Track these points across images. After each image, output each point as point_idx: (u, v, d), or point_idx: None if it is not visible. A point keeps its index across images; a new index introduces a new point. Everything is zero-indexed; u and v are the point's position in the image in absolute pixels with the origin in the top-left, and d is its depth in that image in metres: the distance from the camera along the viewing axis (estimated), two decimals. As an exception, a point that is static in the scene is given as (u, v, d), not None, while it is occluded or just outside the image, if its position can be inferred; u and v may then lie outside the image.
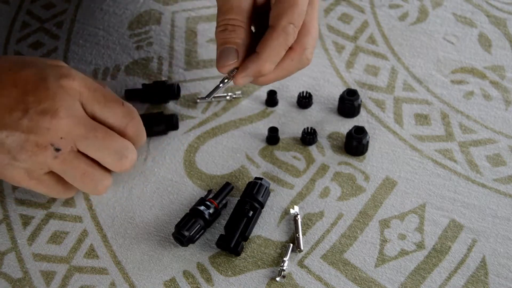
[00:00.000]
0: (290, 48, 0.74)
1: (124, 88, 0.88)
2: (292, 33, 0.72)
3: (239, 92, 0.87)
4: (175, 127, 0.84)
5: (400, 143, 0.83)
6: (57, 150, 0.72)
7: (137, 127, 0.76)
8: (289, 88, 0.88)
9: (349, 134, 0.81)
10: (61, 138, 0.71)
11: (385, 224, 0.77)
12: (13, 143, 0.71)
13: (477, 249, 0.75)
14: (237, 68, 0.73)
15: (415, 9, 0.96)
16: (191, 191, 0.79)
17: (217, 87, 0.75)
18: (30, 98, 0.70)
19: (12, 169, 0.72)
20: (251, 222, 0.75)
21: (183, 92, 0.88)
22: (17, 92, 0.70)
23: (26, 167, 0.72)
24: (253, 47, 0.73)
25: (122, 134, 0.75)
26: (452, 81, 0.89)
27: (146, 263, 0.74)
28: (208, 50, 0.92)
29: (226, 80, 0.74)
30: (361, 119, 0.85)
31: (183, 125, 0.85)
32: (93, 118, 0.73)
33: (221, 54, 0.73)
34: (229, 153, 0.82)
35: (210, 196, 0.78)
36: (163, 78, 0.89)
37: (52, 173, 0.73)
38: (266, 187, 0.77)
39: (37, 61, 0.75)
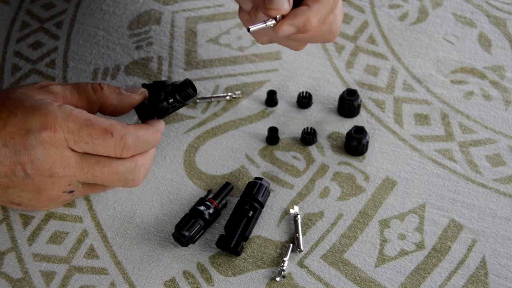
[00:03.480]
0: None
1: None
2: None
3: (239, 92, 0.87)
4: (192, 93, 0.75)
5: (400, 143, 0.83)
6: (71, 192, 0.73)
7: (134, 147, 0.72)
8: (289, 88, 0.88)
9: (349, 134, 0.81)
10: (69, 185, 0.72)
11: (385, 224, 0.77)
12: (29, 202, 0.73)
13: (477, 249, 0.75)
14: (282, 17, 0.71)
15: (415, 9, 0.96)
16: (191, 191, 0.79)
17: (262, 24, 0.71)
18: (23, 159, 0.69)
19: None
20: (251, 222, 0.75)
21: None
22: (10, 152, 0.69)
23: (53, 206, 0.76)
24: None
25: (121, 158, 0.72)
26: (452, 81, 0.89)
27: (146, 263, 0.74)
28: (208, 50, 0.92)
29: (270, 22, 0.71)
30: (361, 119, 0.85)
31: (183, 125, 0.85)
32: (86, 154, 0.71)
33: None
34: (229, 153, 0.82)
35: (210, 196, 0.78)
36: (163, 78, 0.89)
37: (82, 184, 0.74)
38: (266, 187, 0.77)
39: (17, 104, 0.71)
